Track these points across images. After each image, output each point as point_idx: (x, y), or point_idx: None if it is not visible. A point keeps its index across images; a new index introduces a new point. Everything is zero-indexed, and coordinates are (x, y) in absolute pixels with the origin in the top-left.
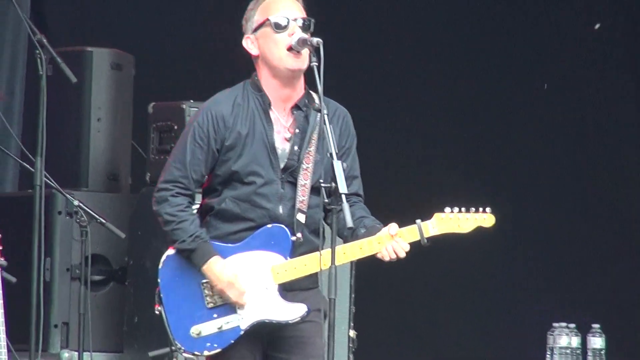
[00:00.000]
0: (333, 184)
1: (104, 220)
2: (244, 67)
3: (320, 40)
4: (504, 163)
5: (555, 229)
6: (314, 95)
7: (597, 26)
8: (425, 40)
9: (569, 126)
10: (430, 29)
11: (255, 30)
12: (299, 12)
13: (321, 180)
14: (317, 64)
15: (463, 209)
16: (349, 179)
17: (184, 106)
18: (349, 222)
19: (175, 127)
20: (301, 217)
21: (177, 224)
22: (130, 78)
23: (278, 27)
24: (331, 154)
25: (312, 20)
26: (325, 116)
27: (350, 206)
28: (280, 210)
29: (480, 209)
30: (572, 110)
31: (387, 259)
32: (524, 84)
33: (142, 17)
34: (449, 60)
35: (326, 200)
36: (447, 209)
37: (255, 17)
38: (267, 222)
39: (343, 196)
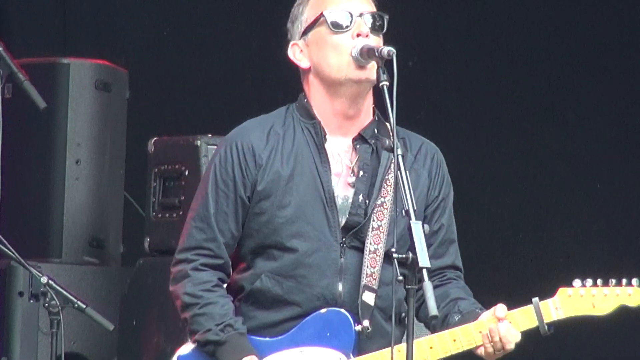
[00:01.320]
0: (410, 255)
1: (83, 305)
2: (284, 88)
3: (392, 50)
4: None
5: None
6: (389, 126)
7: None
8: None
9: None
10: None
11: (306, 32)
12: (367, 5)
13: (393, 249)
14: (387, 83)
15: (599, 282)
16: (443, 244)
17: (199, 142)
18: (433, 310)
19: (187, 172)
20: (369, 298)
21: (200, 307)
22: (123, 102)
23: (337, 26)
24: (407, 212)
25: (386, 17)
26: (400, 157)
27: (444, 284)
28: (340, 288)
29: (624, 281)
30: None
31: (491, 354)
32: None
33: (140, 18)
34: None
35: (399, 278)
36: (577, 282)
37: (304, 14)
38: (320, 306)
39: (424, 272)
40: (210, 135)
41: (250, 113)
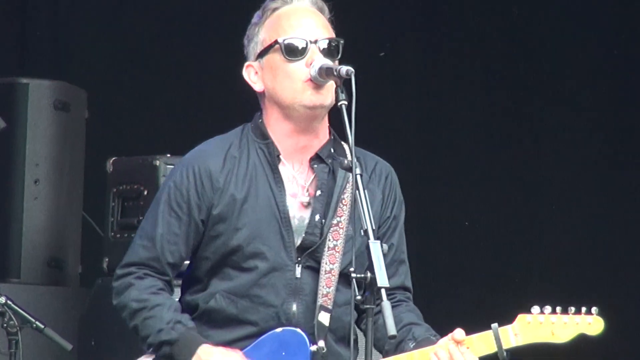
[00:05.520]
0: (369, 274)
1: (42, 325)
2: (244, 108)
3: (351, 69)
4: (617, 252)
5: None
6: (345, 145)
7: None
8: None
9: None
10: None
11: (261, 55)
12: (322, 30)
13: (351, 268)
14: (346, 102)
15: (559, 309)
16: (392, 265)
17: (157, 162)
18: (391, 329)
19: (145, 192)
20: (324, 318)
21: (149, 310)
22: (82, 122)
23: (291, 53)
24: (366, 231)
25: (341, 42)
26: (359, 177)
27: (393, 306)
28: (294, 308)
29: (583, 309)
30: None
31: None
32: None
33: (98, 38)
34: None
35: (358, 297)
36: (535, 309)
37: (260, 35)
38: (275, 326)
39: (383, 292)
40: (168, 155)
41: (208, 133)
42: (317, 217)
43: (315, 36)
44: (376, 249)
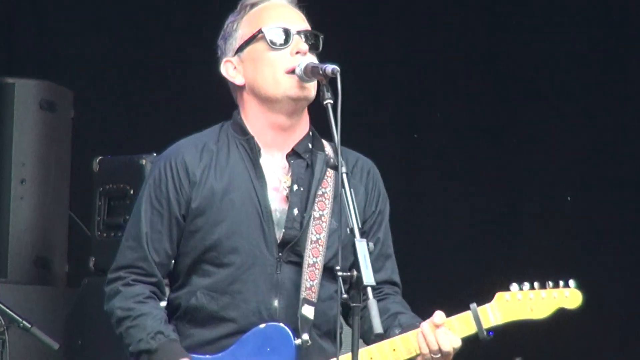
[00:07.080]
0: (355, 272)
1: (29, 325)
2: (228, 107)
3: (337, 68)
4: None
5: None
6: (325, 142)
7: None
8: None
9: None
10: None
11: (241, 48)
12: (303, 23)
13: (337, 267)
14: (331, 101)
15: (536, 284)
16: (379, 259)
17: (143, 162)
18: (377, 327)
19: (132, 192)
20: (308, 311)
21: (133, 319)
22: (68, 122)
23: (275, 43)
24: (352, 230)
25: (321, 36)
26: (344, 175)
27: (381, 299)
28: (276, 304)
29: (561, 283)
30: None
31: None
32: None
33: (84, 38)
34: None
35: (344, 295)
36: (514, 287)
37: (239, 31)
38: (256, 322)
39: (369, 290)
40: (155, 154)
41: (194, 131)
42: (296, 211)
43: (298, 27)
44: (362, 247)
